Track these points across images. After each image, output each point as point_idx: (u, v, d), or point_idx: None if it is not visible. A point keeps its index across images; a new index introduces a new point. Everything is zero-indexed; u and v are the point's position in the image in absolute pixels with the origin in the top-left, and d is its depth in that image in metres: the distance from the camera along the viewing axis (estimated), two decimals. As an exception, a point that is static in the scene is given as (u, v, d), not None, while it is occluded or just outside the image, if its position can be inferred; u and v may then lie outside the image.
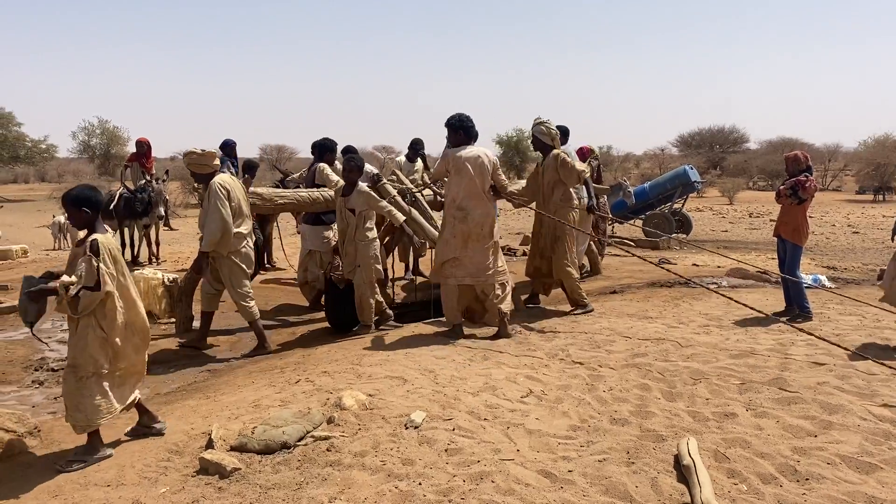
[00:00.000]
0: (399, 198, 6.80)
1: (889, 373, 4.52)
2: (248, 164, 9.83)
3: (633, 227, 16.31)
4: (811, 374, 4.58)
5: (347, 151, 7.96)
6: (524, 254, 11.07)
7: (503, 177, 6.14)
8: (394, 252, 8.34)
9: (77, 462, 3.53)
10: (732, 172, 38.01)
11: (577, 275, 6.93)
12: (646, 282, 8.63)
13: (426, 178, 8.43)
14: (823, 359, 4.91)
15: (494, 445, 3.52)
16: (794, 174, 6.37)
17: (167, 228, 15.33)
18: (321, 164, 7.34)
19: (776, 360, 4.93)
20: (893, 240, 6.36)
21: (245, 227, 5.91)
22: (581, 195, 8.22)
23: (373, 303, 6.35)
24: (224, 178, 5.85)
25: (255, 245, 6.75)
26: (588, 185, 7.93)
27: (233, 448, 3.52)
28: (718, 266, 10.10)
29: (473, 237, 5.86)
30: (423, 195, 7.50)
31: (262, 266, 9.31)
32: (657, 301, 7.44)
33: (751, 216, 21.03)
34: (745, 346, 5.33)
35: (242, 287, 5.96)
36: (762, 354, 5.10)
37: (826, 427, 3.72)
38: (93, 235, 3.55)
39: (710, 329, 6.01)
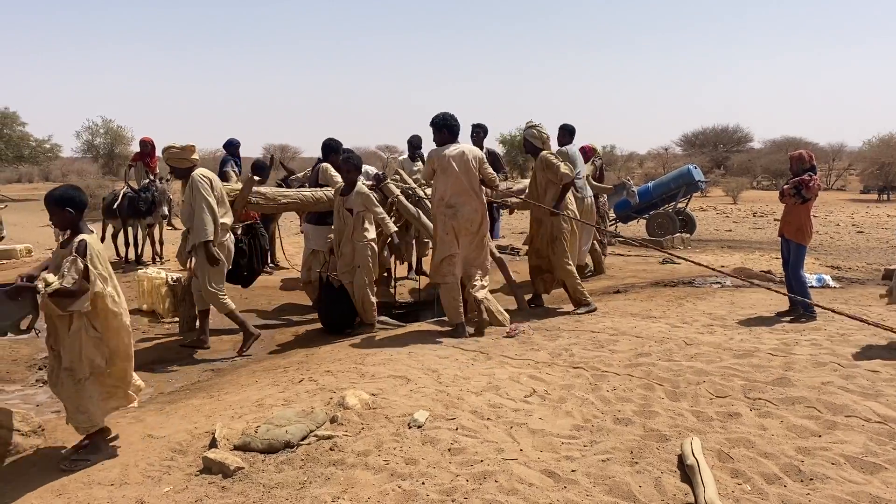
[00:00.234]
0: (403, 197, 6.80)
1: (895, 373, 4.50)
2: (258, 165, 9.78)
3: (636, 227, 16.30)
4: (815, 374, 4.56)
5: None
6: (527, 253, 11.07)
7: (490, 170, 6.21)
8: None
9: (81, 461, 3.53)
10: (736, 172, 37.97)
11: (576, 272, 6.98)
12: (649, 281, 8.63)
13: None
14: (828, 359, 4.90)
15: (498, 445, 3.52)
16: (798, 173, 6.36)
17: (171, 228, 15.33)
18: (325, 164, 7.35)
19: (780, 360, 4.92)
20: None
21: (228, 219, 5.98)
22: (585, 194, 8.24)
23: (374, 301, 6.35)
24: (203, 170, 5.93)
25: (260, 245, 6.76)
26: (584, 185, 7.98)
27: (236, 447, 3.52)
28: (722, 266, 10.08)
29: (464, 233, 6.00)
30: (427, 194, 7.49)
31: (266, 266, 9.31)
32: (661, 300, 7.43)
33: (755, 216, 20.99)
34: (749, 346, 5.32)
35: (215, 279, 5.93)
36: (766, 354, 5.09)
37: (830, 427, 3.71)
38: (80, 236, 3.46)
39: (714, 329, 6.00)
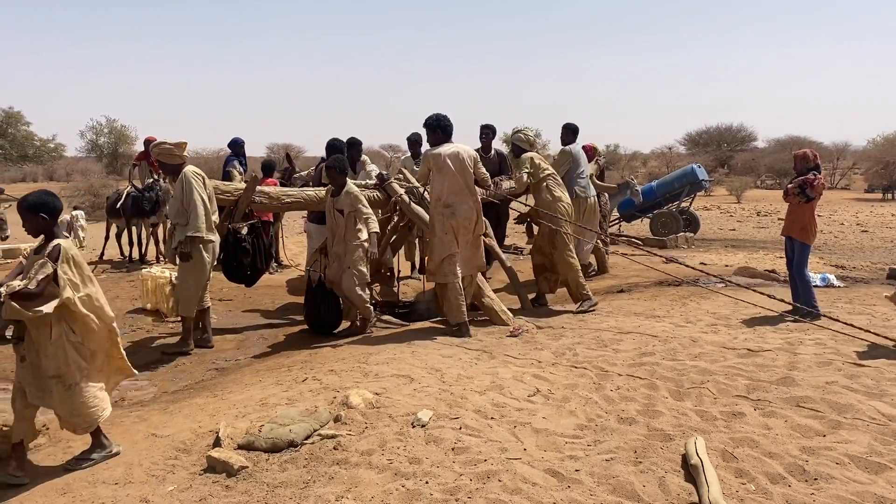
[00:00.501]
0: (406, 197, 6.80)
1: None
2: (266, 164, 9.88)
3: (640, 226, 16.28)
4: (820, 374, 4.55)
5: (351, 144, 7.96)
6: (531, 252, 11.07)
7: (483, 170, 6.30)
8: (400, 251, 8.34)
9: (86, 460, 3.53)
10: (740, 171, 37.88)
11: (578, 266, 7.04)
12: (653, 281, 8.61)
13: None
14: (832, 358, 4.88)
15: (501, 444, 3.52)
16: (803, 172, 6.34)
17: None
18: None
19: (784, 360, 4.91)
20: None
21: (215, 218, 6.07)
22: (589, 193, 8.24)
23: (366, 297, 6.28)
24: (194, 168, 6.01)
25: (263, 244, 6.76)
26: (586, 185, 8.04)
27: (240, 446, 3.53)
28: (726, 265, 10.07)
29: (462, 232, 6.07)
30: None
31: (269, 266, 9.32)
32: (664, 300, 7.42)
33: (759, 215, 20.93)
34: (753, 345, 5.31)
35: (196, 277, 5.98)
36: (770, 353, 5.07)
37: (835, 427, 3.70)
38: (55, 241, 3.41)
39: (718, 328, 5.98)
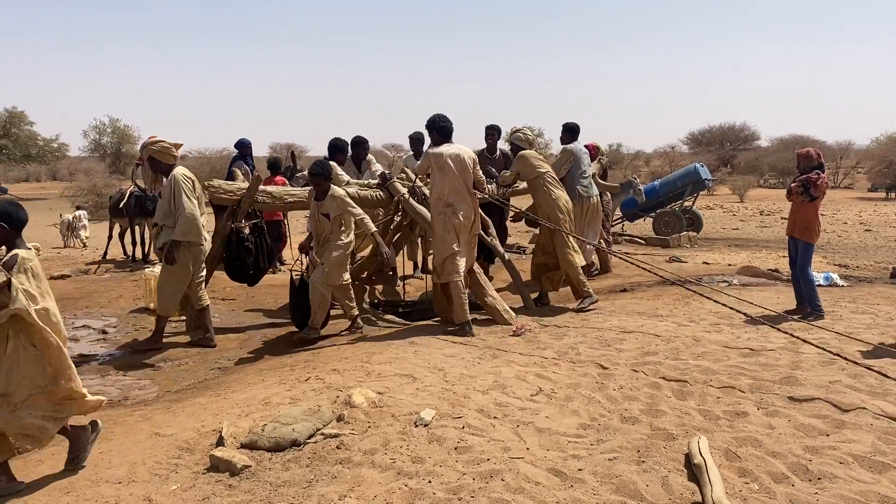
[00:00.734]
0: (409, 196, 6.80)
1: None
2: (273, 163, 9.94)
3: (643, 225, 16.26)
4: (823, 373, 4.55)
5: (357, 143, 7.96)
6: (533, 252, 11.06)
7: (480, 174, 6.37)
8: (403, 250, 8.34)
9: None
10: (743, 170, 37.84)
11: (579, 262, 7.02)
12: (656, 280, 8.59)
13: None
14: (835, 357, 4.87)
15: (504, 444, 3.52)
16: (806, 171, 6.33)
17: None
18: (330, 164, 7.36)
19: (787, 359, 4.90)
20: None
21: (204, 220, 6.10)
22: (591, 192, 8.23)
23: (328, 301, 6.15)
24: (185, 170, 6.04)
25: (266, 244, 6.76)
26: (589, 184, 8.04)
27: (243, 445, 3.53)
28: (729, 264, 10.06)
29: (462, 231, 6.10)
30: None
31: (272, 265, 9.32)
32: (667, 299, 7.41)
33: (762, 214, 20.91)
34: (756, 345, 5.30)
35: (178, 280, 6.02)
36: (773, 353, 5.07)
37: (838, 426, 3.69)
38: (14, 251, 3.30)
39: (721, 327, 5.98)
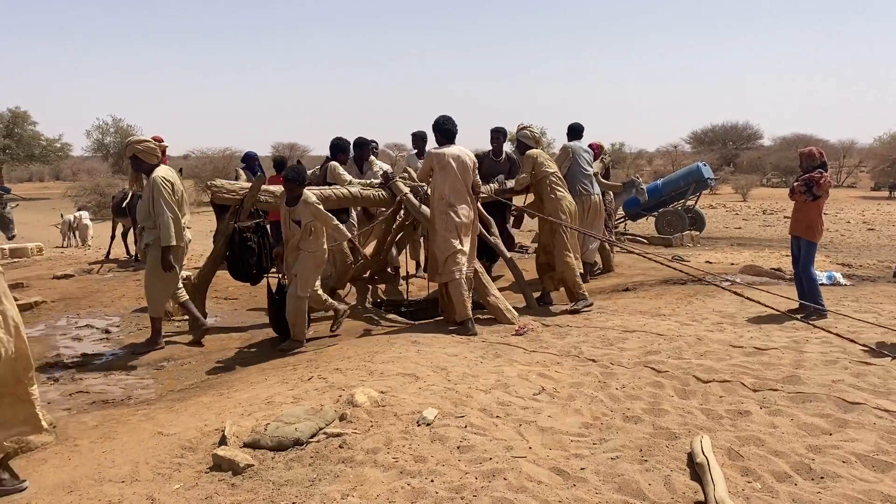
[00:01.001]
0: (411, 195, 6.80)
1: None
2: (279, 161, 9.97)
3: (646, 225, 16.25)
4: (826, 372, 4.54)
5: (359, 145, 7.95)
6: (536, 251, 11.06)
7: (477, 177, 6.41)
8: (405, 250, 8.35)
9: None
10: (746, 169, 37.84)
11: (576, 266, 7.02)
12: (658, 279, 8.59)
13: None
14: (838, 356, 4.87)
15: (507, 443, 3.52)
16: (809, 170, 6.32)
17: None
18: (333, 163, 7.38)
19: (790, 358, 4.89)
20: None
21: (185, 220, 6.13)
22: (593, 191, 8.23)
23: (304, 312, 6.04)
24: (165, 172, 6.04)
25: (268, 243, 6.76)
26: (591, 183, 8.04)
27: (246, 445, 3.53)
28: (732, 263, 10.05)
29: (463, 230, 6.15)
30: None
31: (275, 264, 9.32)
32: (670, 298, 7.40)
33: (764, 213, 20.90)
34: (759, 344, 5.30)
35: (163, 281, 6.04)
36: (776, 352, 5.06)
37: (841, 425, 3.69)
38: None
39: (724, 326, 5.97)
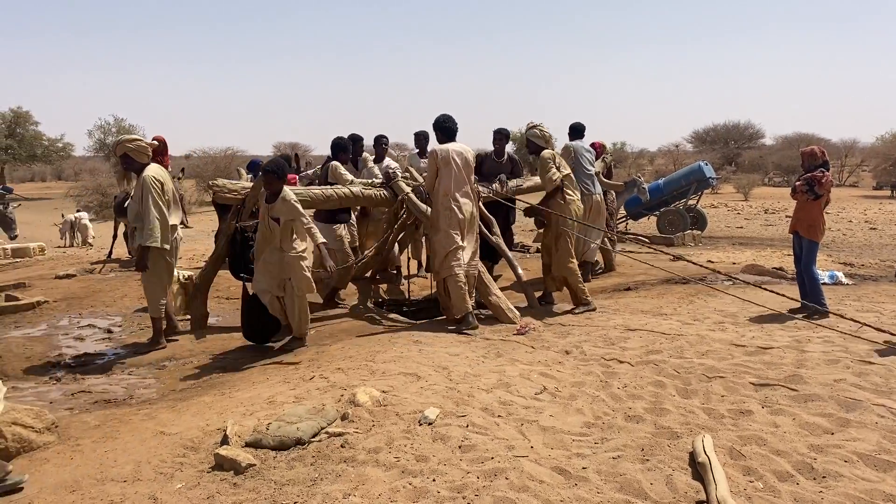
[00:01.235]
0: (413, 195, 6.80)
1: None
2: (283, 160, 9.98)
3: (647, 224, 16.24)
4: (828, 371, 4.54)
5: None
6: (537, 251, 11.06)
7: (473, 176, 6.46)
8: (407, 249, 8.35)
9: None
10: (747, 168, 37.81)
11: (579, 271, 6.99)
12: (660, 279, 8.59)
13: None
14: (840, 356, 4.86)
15: (508, 442, 3.52)
16: (810, 169, 6.32)
17: (182, 226, 15.37)
18: (334, 163, 7.38)
19: (792, 357, 4.89)
20: None
21: (175, 219, 6.18)
22: (595, 191, 8.22)
23: (307, 309, 5.99)
24: (156, 171, 6.03)
25: None
26: (592, 183, 8.00)
27: (247, 444, 3.53)
28: (734, 263, 10.04)
29: (466, 227, 6.17)
30: None
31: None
32: (672, 298, 7.40)
33: (766, 212, 20.88)
34: (761, 343, 5.29)
35: (159, 279, 6.09)
36: (778, 351, 5.06)
37: (843, 425, 3.68)
38: None
39: (726, 326, 5.97)
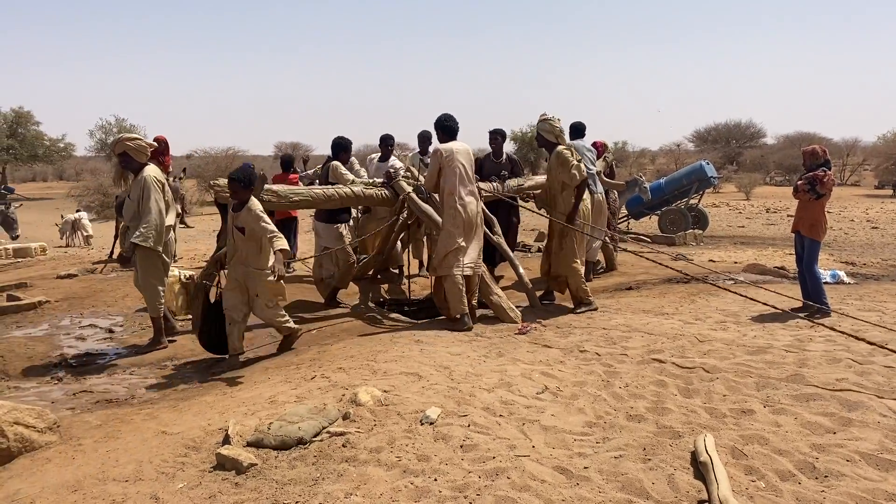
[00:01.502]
0: (414, 195, 6.80)
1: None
2: (286, 161, 10.02)
3: (649, 224, 16.24)
4: (830, 371, 4.53)
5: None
6: (539, 250, 11.05)
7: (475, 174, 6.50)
8: (408, 249, 8.35)
9: None
10: (749, 168, 37.76)
11: (583, 272, 6.97)
12: (662, 278, 8.58)
13: None
14: (842, 355, 4.86)
15: (510, 442, 3.52)
16: (812, 169, 6.31)
17: (183, 226, 15.47)
18: (335, 163, 7.38)
19: (794, 357, 4.88)
20: None
21: (170, 219, 6.16)
22: (596, 190, 8.21)
23: (284, 317, 5.82)
24: (156, 171, 6.05)
25: None
26: (594, 182, 7.95)
27: (249, 444, 3.54)
28: (735, 262, 10.03)
29: (469, 226, 6.17)
30: None
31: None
32: (673, 297, 7.39)
33: (768, 211, 20.85)
34: (763, 343, 5.29)
35: (157, 279, 6.07)
36: (780, 350, 5.05)
37: (845, 424, 3.68)
38: None
39: (727, 325, 5.96)
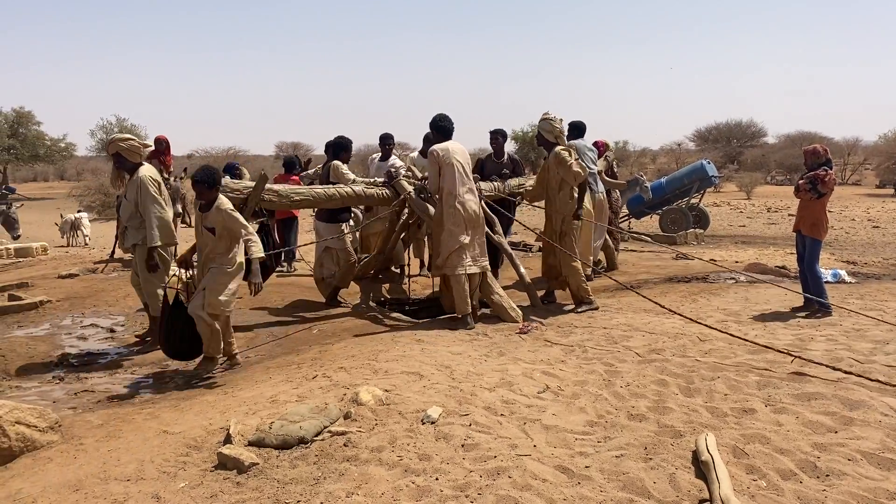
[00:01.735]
0: (415, 194, 6.80)
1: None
2: (288, 162, 10.04)
3: (650, 223, 16.23)
4: (831, 370, 4.53)
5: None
6: (539, 250, 11.05)
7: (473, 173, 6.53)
8: (409, 248, 8.35)
9: None
10: (750, 167, 37.75)
11: (583, 271, 6.95)
12: (663, 277, 8.58)
13: None
14: (844, 354, 4.86)
15: (511, 441, 3.52)
16: (813, 168, 6.31)
17: (184, 225, 15.49)
18: (335, 162, 7.38)
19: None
20: None
21: (169, 217, 6.19)
22: (597, 189, 8.21)
23: (218, 330, 5.42)
24: (151, 171, 6.07)
25: (273, 242, 6.78)
26: (595, 181, 7.93)
27: (250, 443, 3.54)
28: (736, 261, 10.03)
29: (471, 225, 6.18)
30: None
31: (279, 263, 9.35)
32: (674, 296, 7.39)
33: (769, 211, 20.84)
34: (764, 342, 5.29)
35: (160, 280, 6.12)
36: (781, 350, 5.05)
37: (846, 423, 3.68)
38: None
39: (729, 324, 5.96)
